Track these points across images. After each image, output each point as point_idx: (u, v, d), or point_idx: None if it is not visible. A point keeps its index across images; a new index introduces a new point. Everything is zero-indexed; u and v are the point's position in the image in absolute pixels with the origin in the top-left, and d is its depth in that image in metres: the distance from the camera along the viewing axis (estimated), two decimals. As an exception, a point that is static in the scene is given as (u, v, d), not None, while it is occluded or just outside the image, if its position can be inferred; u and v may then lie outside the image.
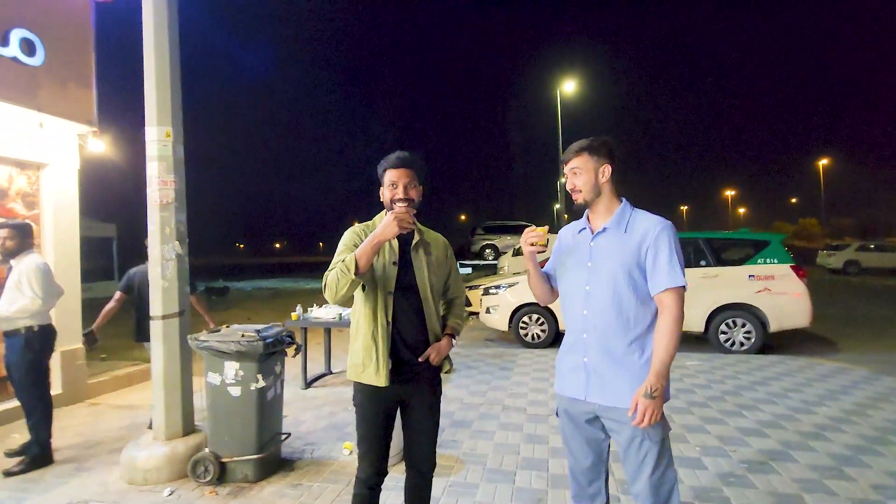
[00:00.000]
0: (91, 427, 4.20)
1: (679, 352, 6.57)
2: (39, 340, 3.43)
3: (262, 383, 3.07)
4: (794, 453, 3.29)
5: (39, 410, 3.42)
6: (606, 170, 1.83)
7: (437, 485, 2.95)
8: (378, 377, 1.89)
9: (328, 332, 5.91)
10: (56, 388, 4.70)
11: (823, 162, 47.87)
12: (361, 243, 1.88)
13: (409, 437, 2.07)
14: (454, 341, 2.15)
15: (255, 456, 3.07)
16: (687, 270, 1.81)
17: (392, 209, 1.98)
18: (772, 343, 6.87)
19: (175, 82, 3.37)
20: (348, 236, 1.99)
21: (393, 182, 1.98)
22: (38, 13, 4.44)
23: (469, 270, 20.69)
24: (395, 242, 1.99)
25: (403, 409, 2.05)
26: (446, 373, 2.14)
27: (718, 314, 6.73)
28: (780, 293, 6.57)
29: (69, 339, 4.83)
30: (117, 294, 4.08)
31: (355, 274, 1.79)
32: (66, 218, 4.90)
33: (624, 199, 1.89)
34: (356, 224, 2.03)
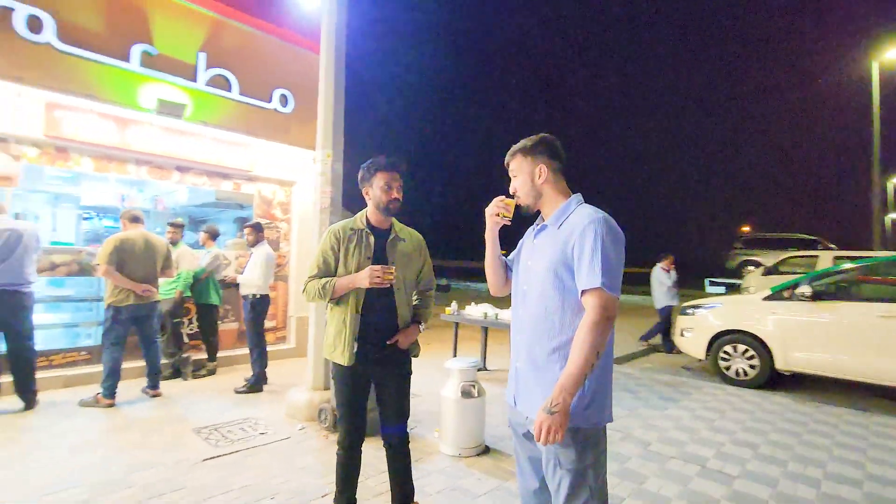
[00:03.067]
0: (301, 374, 5.66)
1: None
2: (259, 305, 4.91)
3: (365, 357, 3.67)
4: None
5: (256, 353, 4.90)
6: (542, 170, 1.69)
7: (486, 484, 2.99)
8: (343, 357, 2.18)
9: (486, 330, 6.25)
10: (290, 343, 6.51)
11: None
12: (340, 256, 2.21)
13: (381, 413, 2.28)
14: (421, 328, 2.29)
15: (357, 416, 3.70)
16: (862, 306, 1.35)
17: (387, 208, 2.24)
18: None
19: (338, 118, 4.33)
20: (327, 239, 2.28)
21: (388, 184, 2.23)
22: (292, 74, 6.28)
23: (723, 290, 17.65)
24: (372, 238, 2.24)
25: (376, 389, 2.28)
26: (414, 356, 2.28)
27: None
28: None
29: (303, 310, 6.60)
30: None
31: (330, 300, 2.19)
32: (307, 220, 6.72)
33: (574, 196, 1.69)
34: (338, 224, 2.32)
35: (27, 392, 3.97)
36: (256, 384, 4.85)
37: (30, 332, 3.96)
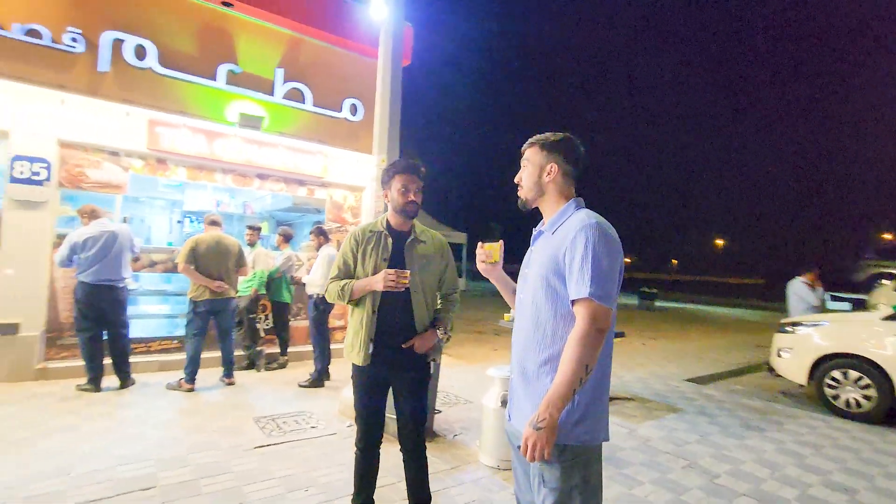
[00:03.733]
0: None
1: None
2: (322, 304, 5.16)
3: (408, 359, 3.70)
4: None
5: (318, 350, 5.15)
6: (553, 168, 1.60)
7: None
8: (358, 357, 2.20)
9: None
10: (357, 343, 6.76)
11: None
12: (358, 257, 2.25)
13: (397, 417, 2.26)
14: (440, 333, 2.26)
15: (401, 418, 3.73)
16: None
17: (404, 210, 2.23)
18: None
19: (394, 124, 4.47)
20: (347, 242, 2.31)
21: (405, 186, 2.22)
22: (361, 84, 6.55)
23: (847, 306, 15.40)
24: (389, 240, 2.24)
25: (393, 392, 2.26)
26: (433, 361, 2.24)
27: None
28: None
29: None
30: None
31: (348, 302, 2.22)
32: (374, 224, 6.97)
33: (573, 200, 1.57)
34: (359, 226, 2.35)
35: (122, 373, 4.54)
36: (318, 380, 5.10)
37: (124, 322, 4.54)
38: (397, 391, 2.27)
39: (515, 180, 1.67)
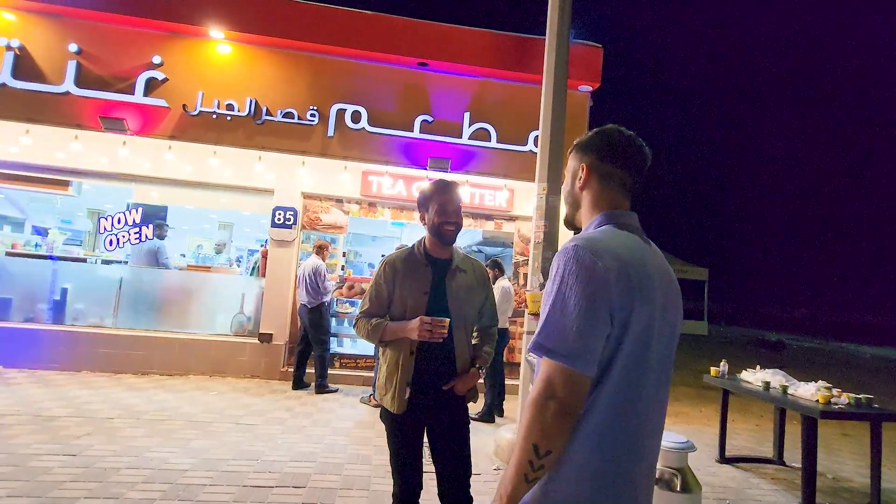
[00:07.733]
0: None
1: None
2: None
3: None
4: None
5: (489, 384, 5.08)
6: (583, 170, 1.21)
7: None
8: (393, 404, 1.92)
9: (782, 410, 4.44)
10: (542, 382, 6.42)
11: None
12: (395, 288, 1.98)
13: (436, 468, 1.98)
14: (481, 372, 2.00)
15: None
16: None
17: (439, 232, 1.98)
18: None
19: (555, 151, 4.24)
20: (381, 271, 2.04)
21: (443, 206, 1.97)
22: (548, 116, 6.42)
23: None
24: (430, 271, 1.99)
25: (429, 441, 1.99)
26: (472, 401, 2.00)
27: None
28: None
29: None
30: None
31: (379, 342, 1.98)
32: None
33: (603, 214, 1.17)
34: (394, 253, 2.08)
35: (316, 380, 5.52)
36: (487, 414, 5.01)
37: (317, 339, 5.52)
38: (436, 440, 1.97)
39: None
